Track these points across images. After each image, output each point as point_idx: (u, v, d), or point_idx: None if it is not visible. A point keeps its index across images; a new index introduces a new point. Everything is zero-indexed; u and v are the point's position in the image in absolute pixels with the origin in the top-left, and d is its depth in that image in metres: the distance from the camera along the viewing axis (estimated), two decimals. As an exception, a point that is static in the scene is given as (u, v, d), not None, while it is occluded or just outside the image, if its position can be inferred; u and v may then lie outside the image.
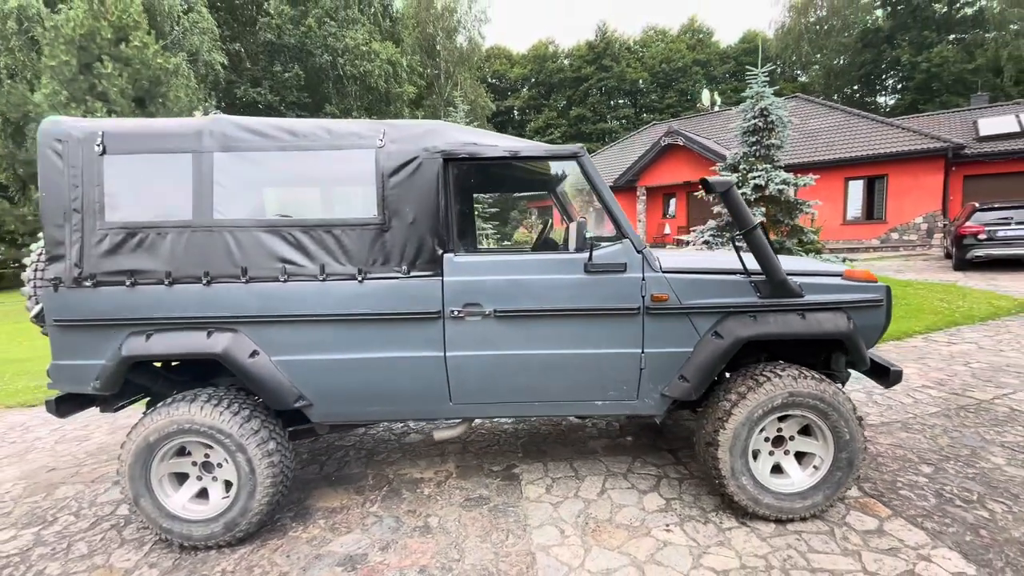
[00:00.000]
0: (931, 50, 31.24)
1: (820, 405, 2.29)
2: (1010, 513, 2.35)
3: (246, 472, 2.29)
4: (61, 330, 2.31)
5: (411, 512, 2.60)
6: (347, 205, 2.50)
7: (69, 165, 2.26)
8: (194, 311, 2.29)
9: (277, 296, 2.30)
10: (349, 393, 2.40)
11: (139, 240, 2.27)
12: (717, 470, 2.36)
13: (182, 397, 2.32)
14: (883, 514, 2.41)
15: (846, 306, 2.42)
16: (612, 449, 3.24)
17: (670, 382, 2.42)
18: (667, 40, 46.29)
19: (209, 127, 2.31)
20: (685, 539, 2.30)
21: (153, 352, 2.27)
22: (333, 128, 2.38)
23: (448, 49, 32.48)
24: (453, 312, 2.33)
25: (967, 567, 2.02)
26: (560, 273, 2.36)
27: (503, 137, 2.49)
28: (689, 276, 2.37)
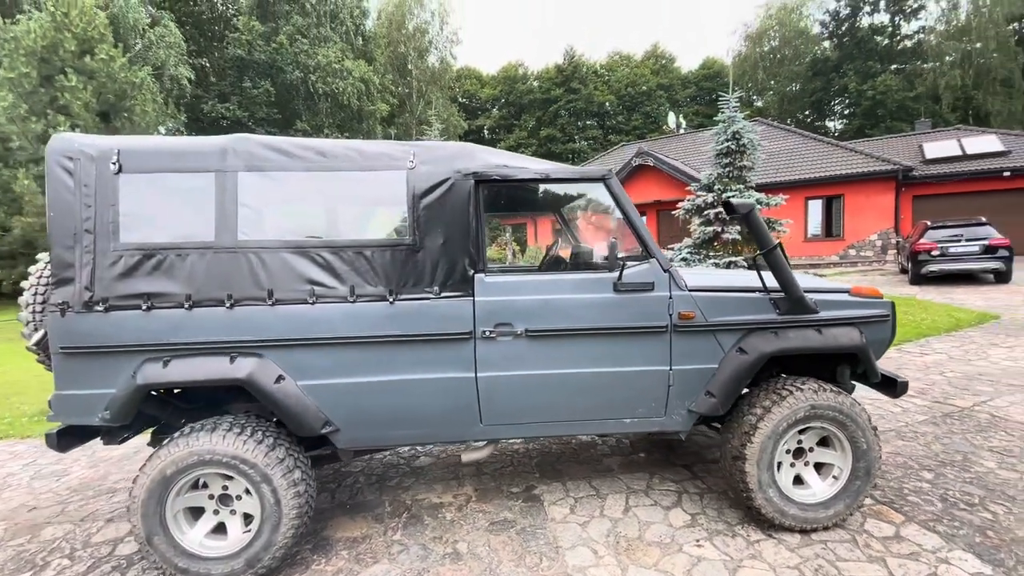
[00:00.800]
0: (876, 79, 33.58)
1: (839, 417, 2.39)
2: (1011, 514, 2.50)
3: (271, 504, 2.19)
4: (67, 358, 2.17)
5: (437, 539, 2.54)
6: (377, 226, 2.47)
7: (81, 184, 2.16)
8: (216, 335, 2.20)
9: (305, 319, 2.24)
10: (379, 417, 2.34)
11: (157, 262, 2.18)
12: (745, 483, 2.41)
13: (201, 426, 2.21)
14: (897, 520, 2.51)
15: (857, 321, 2.55)
16: (628, 466, 3.26)
17: (696, 398, 2.47)
18: (631, 65, 48.07)
19: (233, 146, 2.26)
20: (717, 554, 2.32)
21: (171, 379, 2.16)
22: (364, 149, 2.36)
23: (420, 68, 32.75)
24: (484, 332, 2.33)
25: (983, 567, 2.12)
26: (590, 292, 2.39)
27: (530, 159, 2.53)
28: (714, 294, 2.45)
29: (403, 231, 2.33)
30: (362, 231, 2.45)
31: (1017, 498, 2.63)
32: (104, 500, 3.12)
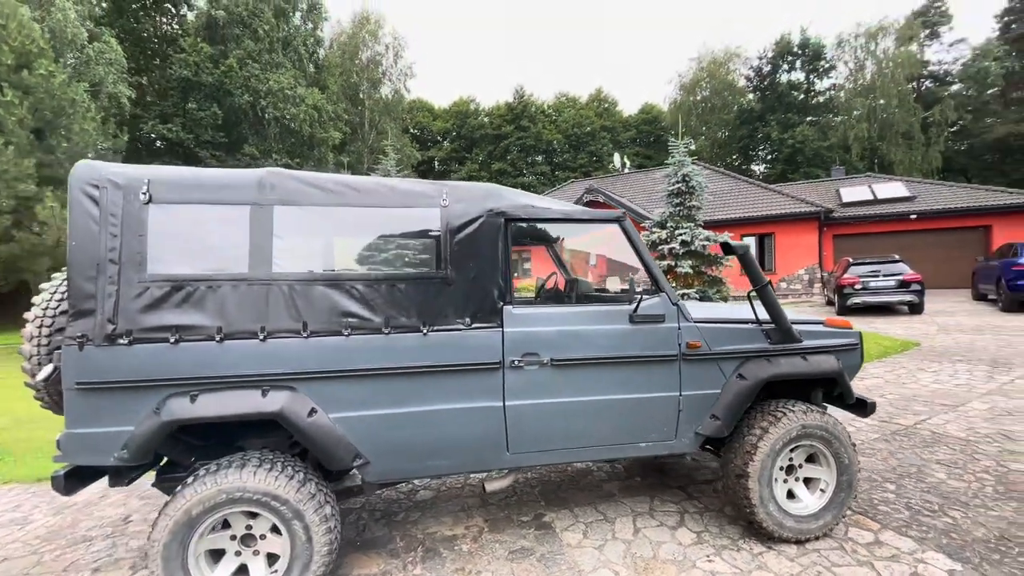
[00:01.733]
0: (795, 129, 37.31)
1: (825, 435, 2.68)
2: (967, 518, 2.86)
3: (302, 541, 2.14)
4: (83, 394, 2.07)
5: (460, 570, 2.55)
6: (409, 260, 2.55)
7: (107, 213, 2.11)
8: (247, 369, 2.17)
9: (340, 350, 2.26)
10: (409, 448, 2.37)
11: (186, 294, 2.15)
12: (748, 499, 2.62)
13: (228, 463, 2.15)
14: (874, 528, 2.80)
15: (834, 349, 2.89)
16: (627, 490, 3.40)
17: (703, 422, 2.69)
18: (577, 107, 50.63)
19: (269, 180, 2.29)
20: (728, 567, 2.50)
21: (200, 415, 2.10)
22: (397, 186, 2.47)
23: (373, 99, 32.89)
24: (513, 362, 2.44)
25: (954, 564, 2.43)
26: (608, 323, 2.58)
27: (548, 200, 2.73)
28: (716, 325, 2.71)
29: (436, 265, 2.43)
30: (396, 265, 2.51)
31: (969, 504, 3.01)
32: (83, 549, 2.86)
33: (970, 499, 3.06)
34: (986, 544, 2.58)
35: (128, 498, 3.57)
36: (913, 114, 33.28)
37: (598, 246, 4.34)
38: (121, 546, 2.90)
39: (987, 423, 4.36)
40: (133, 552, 2.82)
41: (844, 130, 35.44)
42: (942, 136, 33.46)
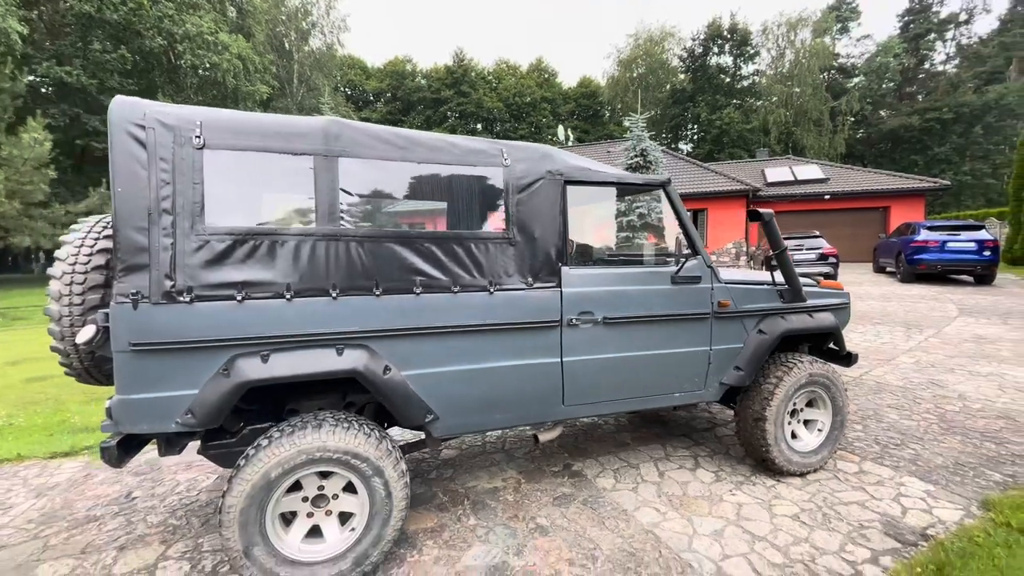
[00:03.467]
0: (722, 111, 39.47)
1: (826, 381, 3.06)
2: (926, 450, 3.40)
3: (382, 497, 2.15)
4: (138, 357, 1.90)
5: (513, 517, 2.67)
6: (475, 219, 2.52)
7: (157, 157, 1.91)
8: (320, 327, 2.10)
9: (411, 309, 2.24)
10: (475, 403, 2.42)
11: (250, 248, 2.01)
12: (764, 440, 2.95)
13: (302, 423, 2.09)
14: (856, 460, 3.27)
15: (831, 308, 3.26)
16: (640, 440, 3.67)
17: (727, 372, 2.96)
18: (518, 75, 50.03)
19: (332, 130, 2.17)
20: (749, 498, 2.82)
21: (275, 375, 2.01)
22: (458, 143, 2.42)
23: (303, 52, 30.42)
24: (570, 320, 2.54)
25: (927, 486, 2.91)
26: (653, 284, 2.74)
27: (599, 164, 2.80)
28: (741, 286, 2.96)
29: (500, 225, 2.44)
30: (462, 224, 2.48)
31: (924, 438, 3.58)
32: (94, 529, 2.64)
33: (923, 435, 3.63)
34: (946, 469, 3.11)
35: (120, 475, 3.31)
36: (824, 102, 36.33)
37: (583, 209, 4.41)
38: (139, 523, 2.71)
39: (917, 374, 5.12)
40: (157, 527, 2.66)
41: (765, 114, 38.05)
42: (846, 124, 36.88)
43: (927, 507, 2.68)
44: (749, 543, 2.42)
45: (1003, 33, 35.21)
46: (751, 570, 2.22)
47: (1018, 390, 4.51)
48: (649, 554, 2.35)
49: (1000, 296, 10.20)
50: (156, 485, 3.15)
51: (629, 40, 44.83)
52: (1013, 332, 6.83)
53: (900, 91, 39.19)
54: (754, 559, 2.30)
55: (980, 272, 12.06)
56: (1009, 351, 5.85)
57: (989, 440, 3.49)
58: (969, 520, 2.53)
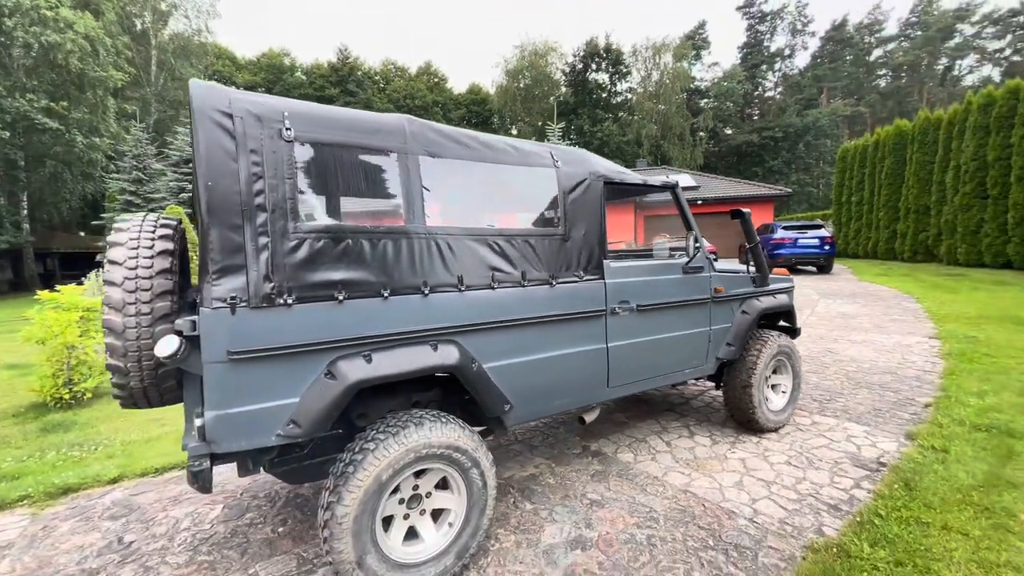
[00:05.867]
0: (602, 124, 42.81)
1: (789, 351, 3.71)
2: (849, 402, 4.25)
3: (479, 487, 2.20)
4: (237, 366, 1.75)
5: (566, 497, 2.85)
6: (534, 217, 2.64)
7: (247, 149, 1.79)
8: (414, 324, 2.10)
9: (490, 303, 2.32)
10: (542, 390, 2.55)
11: (346, 247, 1.96)
12: (751, 403, 3.49)
13: (404, 422, 2.06)
14: (806, 414, 3.99)
15: (785, 290, 3.94)
16: (634, 418, 4.05)
17: (721, 348, 3.45)
18: (407, 78, 49.20)
19: (410, 128, 2.18)
20: (746, 453, 3.33)
21: (380, 374, 1.97)
22: (518, 145, 2.55)
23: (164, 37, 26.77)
24: (613, 309, 2.80)
25: (863, 428, 3.68)
26: (671, 274, 3.11)
27: (621, 167, 3.10)
28: (729, 274, 3.47)
29: (555, 222, 2.61)
30: (523, 221, 2.59)
31: (843, 393, 4.46)
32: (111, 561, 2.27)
33: (840, 391, 4.53)
34: (870, 414, 3.94)
35: (91, 522, 2.82)
36: (685, 119, 41.29)
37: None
38: (160, 566, 2.38)
39: (813, 345, 6.26)
40: (189, 566, 2.36)
41: (638, 128, 42.12)
42: (703, 140, 42.34)
43: (872, 443, 3.41)
44: (766, 487, 2.89)
45: (815, 68, 43.30)
46: (778, 507, 2.67)
47: (887, 351, 5.78)
48: (696, 508, 2.69)
49: (840, 282, 12.64)
50: (149, 525, 2.75)
51: (516, 51, 46.62)
52: (864, 308, 8.60)
53: (743, 112, 46.07)
54: (776, 499, 2.76)
55: (822, 263, 14.82)
56: (869, 322, 7.40)
57: (887, 390, 4.48)
58: (904, 448, 3.28)
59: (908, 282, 11.90)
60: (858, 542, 2.29)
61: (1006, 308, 7.91)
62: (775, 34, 47.06)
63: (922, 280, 12.10)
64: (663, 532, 2.48)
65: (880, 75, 45.42)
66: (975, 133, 13.56)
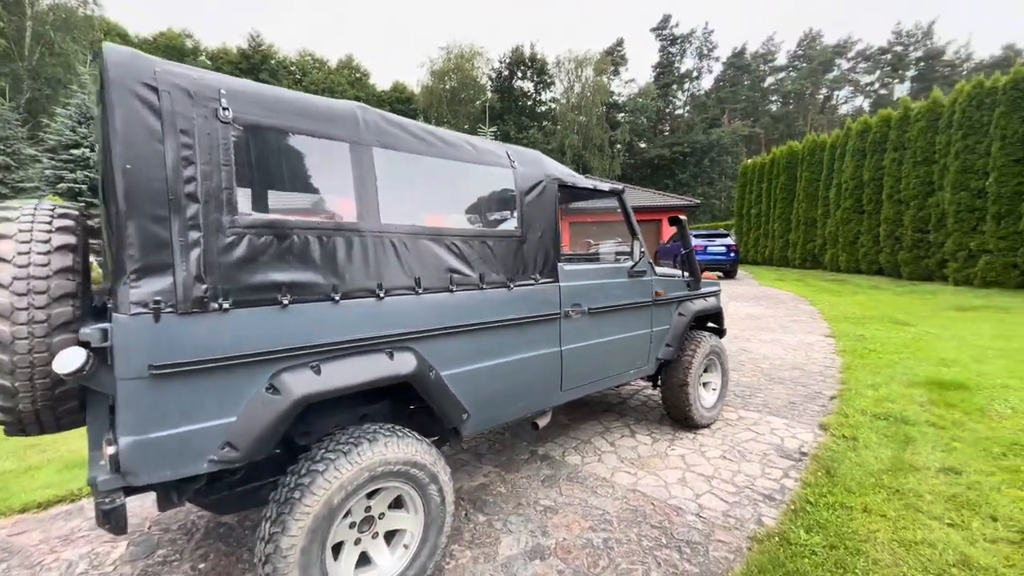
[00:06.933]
0: (528, 132, 43.60)
1: (719, 351, 3.94)
2: (767, 396, 4.61)
3: (437, 504, 2.07)
4: (159, 382, 1.50)
5: (519, 505, 2.78)
6: (491, 218, 2.53)
7: (176, 129, 1.55)
8: (366, 331, 1.93)
9: (448, 307, 2.21)
10: (499, 397, 2.47)
11: (291, 245, 1.76)
12: (687, 401, 3.65)
13: (355, 438, 1.88)
14: (732, 410, 4.26)
15: (714, 293, 4.18)
16: (577, 420, 4.08)
17: (661, 349, 3.57)
18: (326, 71, 46.90)
19: (363, 116, 2.01)
20: (685, 450, 3.47)
21: (332, 387, 1.79)
22: (474, 142, 2.45)
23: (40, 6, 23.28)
24: (567, 312, 2.79)
25: (779, 419, 3.99)
26: (618, 278, 3.17)
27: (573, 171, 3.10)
28: (667, 278, 3.60)
29: (513, 224, 2.55)
30: (483, 222, 2.48)
31: (761, 388, 4.82)
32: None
33: (759, 387, 4.90)
34: (787, 408, 4.29)
35: (-57, 578, 2.30)
36: (604, 132, 43.23)
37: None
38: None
39: (729, 344, 6.74)
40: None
41: (561, 137, 43.42)
42: (620, 152, 44.58)
43: (792, 434, 3.70)
44: (706, 482, 3.02)
45: (719, 90, 47.34)
46: (721, 500, 2.80)
47: (793, 348, 6.37)
48: (646, 507, 2.74)
49: (745, 286, 13.83)
50: (37, 571, 2.30)
51: (441, 52, 46.12)
52: (768, 310, 9.45)
53: (655, 127, 49.17)
54: (717, 492, 2.89)
55: (728, 269, 16.13)
56: (774, 323, 8.13)
57: (798, 384, 4.91)
58: (820, 438, 3.60)
59: (801, 286, 13.29)
60: (795, 529, 2.45)
61: (883, 309, 9.08)
62: (684, 56, 50.85)
63: (812, 284, 13.58)
64: (618, 534, 2.49)
65: (772, 100, 50.70)
66: (853, 156, 15.53)
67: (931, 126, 12.84)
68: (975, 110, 11.34)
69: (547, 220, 2.70)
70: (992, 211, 10.78)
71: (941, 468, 3.03)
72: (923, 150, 12.95)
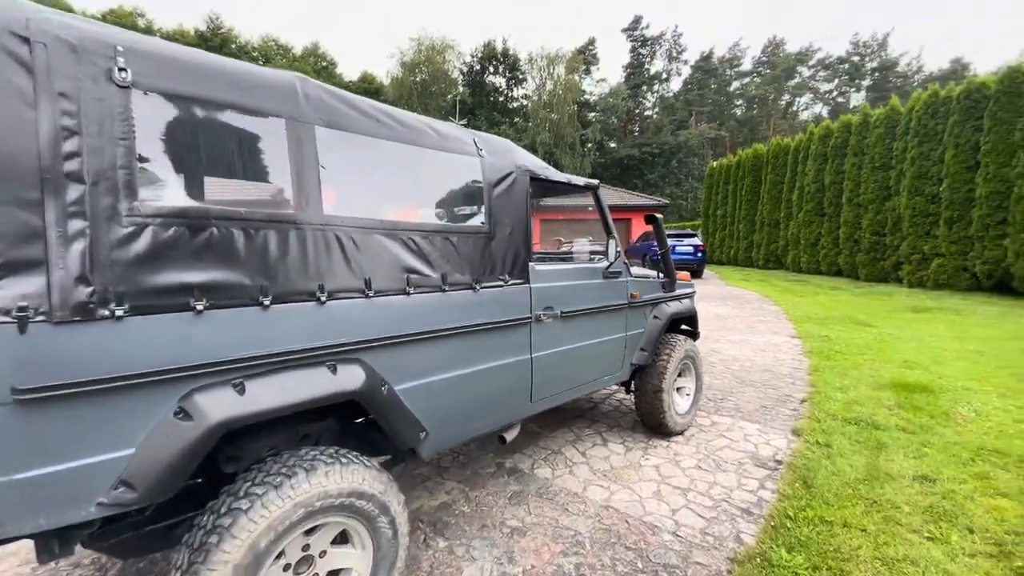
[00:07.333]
0: (500, 127, 43.20)
1: (693, 354, 3.80)
2: (739, 400, 4.52)
3: (388, 537, 1.81)
4: (28, 410, 1.19)
5: (483, 527, 2.55)
6: (455, 212, 2.27)
7: (53, 92, 1.23)
8: (304, 340, 1.65)
9: (404, 311, 1.95)
10: (463, 412, 2.23)
11: (209, 238, 1.46)
12: (662, 408, 3.49)
13: (287, 468, 1.60)
14: (705, 415, 4.15)
15: (689, 295, 4.05)
16: (546, 428, 3.88)
17: (636, 353, 3.40)
18: (291, 58, 45.22)
19: (303, 88, 1.73)
20: (659, 460, 3.32)
21: (258, 409, 1.50)
22: (437, 127, 2.19)
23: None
24: (538, 316, 2.57)
25: (756, 425, 3.90)
26: (593, 278, 2.97)
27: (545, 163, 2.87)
28: (642, 280, 3.43)
29: (480, 219, 2.30)
30: (442, 216, 2.22)
31: (733, 392, 4.74)
32: None
33: (730, 390, 4.82)
34: (759, 412, 4.21)
35: None
36: (576, 130, 43.32)
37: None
38: None
39: (699, 345, 6.68)
40: None
41: (533, 135, 43.26)
42: (591, 151, 44.79)
43: (766, 440, 3.61)
44: (682, 495, 2.86)
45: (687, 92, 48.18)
46: (698, 516, 2.64)
47: (762, 350, 6.36)
48: (620, 526, 2.56)
49: (711, 286, 14.00)
50: None
51: (412, 44, 45.16)
52: (735, 310, 9.52)
53: (625, 128, 49.68)
54: (693, 507, 2.74)
55: (695, 268, 16.33)
56: (742, 323, 8.17)
57: (768, 387, 4.86)
58: (793, 444, 3.51)
59: (765, 286, 13.55)
60: (776, 548, 2.31)
61: (844, 310, 9.28)
62: (655, 58, 51.52)
63: (776, 285, 13.87)
64: (591, 558, 2.30)
65: (737, 104, 52.00)
66: (815, 160, 15.96)
67: (889, 133, 13.29)
68: (930, 118, 11.79)
69: (517, 215, 2.47)
70: (945, 216, 11.23)
71: (915, 476, 2.97)
72: (881, 156, 13.39)
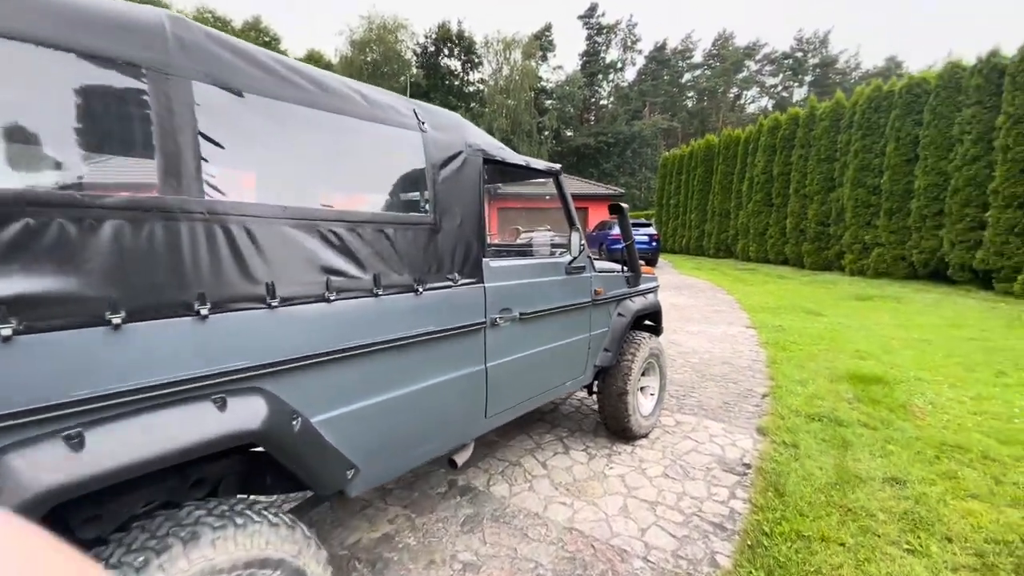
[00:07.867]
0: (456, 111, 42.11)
1: (658, 353, 3.59)
2: (702, 397, 4.38)
3: (304, 608, 1.44)
4: None
5: (431, 563, 2.21)
6: (392, 198, 1.87)
7: None
8: (175, 368, 1.24)
9: (323, 323, 1.55)
10: (402, 439, 1.87)
11: (27, 234, 1.03)
12: (626, 411, 3.26)
13: (158, 538, 1.19)
14: (668, 414, 3.97)
15: (652, 290, 3.83)
16: (505, 435, 3.56)
17: (599, 355, 3.14)
18: (229, 31, 42.17)
19: (175, 31, 1.29)
20: (624, 468, 3.09)
21: (102, 469, 1.08)
22: (367, 93, 1.79)
23: None
24: (494, 320, 2.23)
25: (720, 424, 3.75)
26: (554, 275, 2.65)
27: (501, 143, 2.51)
28: (606, 274, 3.16)
29: (421, 207, 1.92)
30: (374, 203, 1.81)
31: (695, 387, 4.60)
32: None
33: (692, 385, 4.69)
34: (722, 409, 4.08)
35: None
36: (533, 117, 42.98)
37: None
38: None
39: (660, 337, 6.57)
40: None
41: (489, 120, 42.55)
42: (548, 139, 44.65)
43: (732, 441, 3.45)
44: (651, 510, 2.63)
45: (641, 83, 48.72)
46: (668, 535, 2.42)
47: (719, 341, 6.32)
48: (586, 552, 2.29)
49: (666, 275, 14.13)
50: None
51: (363, 21, 43.16)
52: (691, 300, 9.56)
53: (582, 116, 49.79)
54: (663, 524, 2.51)
55: (650, 257, 16.45)
56: (698, 313, 8.16)
57: (729, 381, 4.76)
58: (760, 444, 3.37)
59: (717, 275, 13.81)
60: (755, 572, 2.11)
61: (792, 299, 9.50)
62: (610, 47, 51.74)
63: (727, 273, 14.16)
64: (554, 597, 2.01)
65: (689, 96, 53.19)
66: (765, 151, 16.38)
67: (834, 126, 13.76)
68: (873, 112, 12.25)
69: (469, 202, 2.10)
70: (885, 207, 11.74)
71: (885, 478, 2.87)
72: (826, 148, 13.86)
